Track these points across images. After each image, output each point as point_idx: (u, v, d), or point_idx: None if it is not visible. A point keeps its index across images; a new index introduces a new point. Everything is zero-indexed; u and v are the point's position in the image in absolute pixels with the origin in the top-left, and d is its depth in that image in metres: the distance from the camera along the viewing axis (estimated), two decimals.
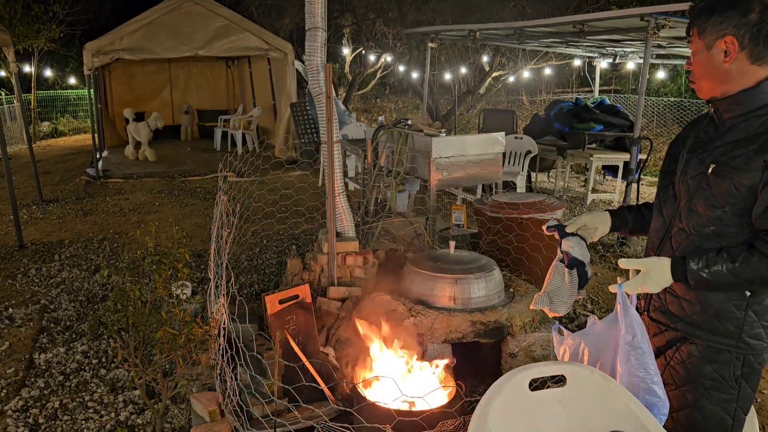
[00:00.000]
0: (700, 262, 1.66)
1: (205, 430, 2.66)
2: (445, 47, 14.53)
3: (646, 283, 1.74)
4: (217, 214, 3.21)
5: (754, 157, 1.63)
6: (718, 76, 1.71)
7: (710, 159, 1.73)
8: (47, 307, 4.48)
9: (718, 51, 1.68)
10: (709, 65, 1.71)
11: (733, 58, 1.67)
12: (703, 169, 1.74)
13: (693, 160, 1.79)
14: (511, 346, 3.25)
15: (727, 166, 1.67)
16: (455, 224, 4.89)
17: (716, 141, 1.75)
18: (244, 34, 10.36)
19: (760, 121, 1.67)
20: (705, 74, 1.74)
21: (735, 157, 1.67)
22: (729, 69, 1.69)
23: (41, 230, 6.56)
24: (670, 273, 1.72)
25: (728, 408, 1.78)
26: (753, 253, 1.61)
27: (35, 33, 12.83)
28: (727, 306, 1.73)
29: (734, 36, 1.65)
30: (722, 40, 1.67)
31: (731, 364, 1.76)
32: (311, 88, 3.67)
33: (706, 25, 1.69)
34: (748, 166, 1.63)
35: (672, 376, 1.86)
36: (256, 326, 3.50)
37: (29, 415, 3.11)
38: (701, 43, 1.71)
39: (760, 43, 1.64)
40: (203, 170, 9.76)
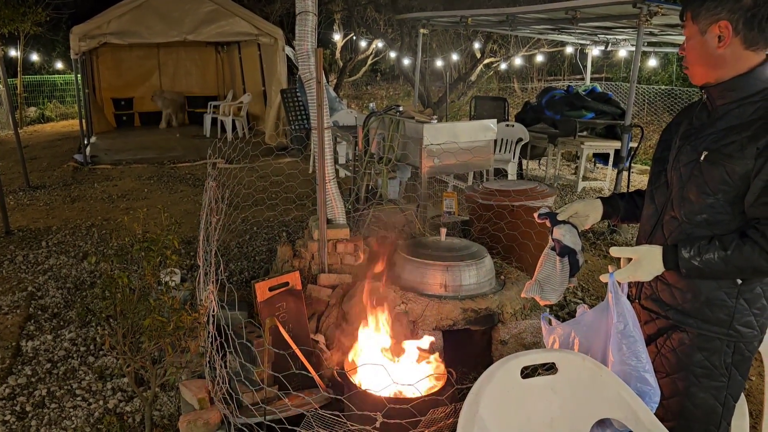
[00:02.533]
0: (691, 251, 1.66)
1: (195, 417, 2.65)
2: (437, 33, 14.46)
3: (637, 271, 1.74)
4: (207, 201, 3.18)
5: (747, 144, 1.62)
6: (711, 62, 1.70)
7: (703, 146, 1.72)
8: (34, 294, 4.44)
9: (712, 36, 1.66)
10: (703, 50, 1.70)
11: (727, 43, 1.65)
12: (695, 156, 1.73)
13: (685, 148, 1.78)
14: (502, 334, 3.25)
15: (720, 154, 1.66)
16: (446, 211, 4.88)
17: (709, 128, 1.73)
18: (234, 18, 10.25)
19: (754, 107, 1.65)
20: (699, 60, 1.73)
21: (728, 145, 1.65)
22: (723, 54, 1.67)
23: (28, 217, 6.49)
24: (661, 261, 1.72)
25: (718, 395, 1.78)
26: (745, 241, 1.60)
27: (21, 16, 12.59)
28: (719, 294, 1.72)
29: (728, 20, 1.63)
30: (716, 24, 1.65)
31: (722, 352, 1.76)
32: (301, 74, 3.63)
33: (700, 10, 1.67)
34: (741, 153, 1.62)
35: (663, 363, 1.85)
36: (246, 313, 3.48)
37: (16, 403, 3.08)
38: (695, 27, 1.70)
39: (754, 28, 1.63)
40: (193, 156, 9.68)
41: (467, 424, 1.55)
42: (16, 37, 14.49)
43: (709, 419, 1.80)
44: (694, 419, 1.81)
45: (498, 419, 1.59)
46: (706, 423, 1.81)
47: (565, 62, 18.00)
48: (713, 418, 1.80)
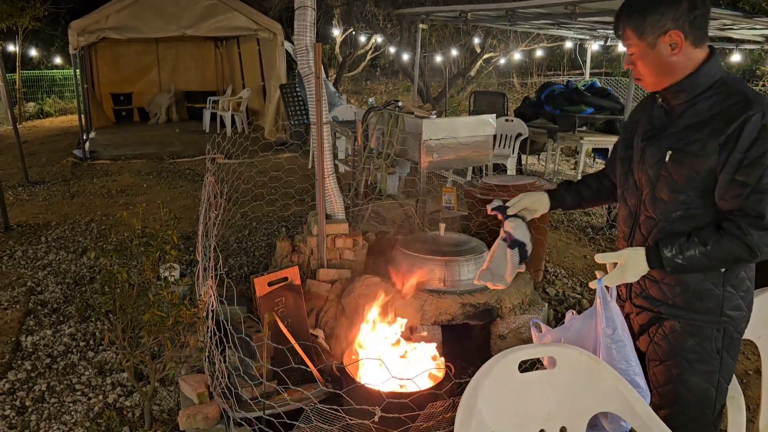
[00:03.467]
0: (673, 249, 1.70)
1: (194, 412, 2.66)
2: (436, 29, 14.43)
3: (624, 274, 1.79)
4: (206, 196, 3.18)
5: (708, 141, 1.66)
6: (666, 69, 1.74)
7: (666, 146, 1.76)
8: (34, 289, 4.44)
9: (664, 47, 1.70)
10: (657, 61, 1.73)
11: (681, 49, 1.69)
12: (660, 156, 1.77)
13: (649, 149, 1.82)
14: (501, 328, 3.26)
15: (684, 152, 1.71)
16: (445, 206, 4.88)
17: (670, 128, 1.78)
18: (233, 13, 10.22)
19: (708, 103, 1.70)
20: (653, 71, 1.77)
21: (690, 143, 1.70)
22: (677, 60, 1.71)
23: (27, 212, 6.49)
24: (645, 262, 1.77)
25: (711, 379, 1.82)
26: (722, 234, 1.65)
27: (19, 11, 12.58)
28: (705, 285, 1.77)
29: (677, 28, 1.67)
30: (665, 35, 1.69)
31: (713, 337, 1.80)
32: (300, 69, 3.63)
33: (644, 26, 1.70)
34: (704, 150, 1.67)
35: (656, 351, 1.89)
36: (245, 308, 3.48)
37: (16, 398, 3.09)
38: (643, 43, 1.73)
39: (699, 27, 1.68)
40: (192, 152, 9.67)
41: (465, 417, 1.56)
42: (15, 32, 14.46)
43: (703, 403, 1.84)
44: (689, 404, 1.84)
45: (496, 413, 1.60)
46: (701, 407, 1.84)
47: (565, 57, 17.97)
48: (708, 401, 1.84)
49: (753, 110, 1.61)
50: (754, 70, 13.32)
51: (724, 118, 1.65)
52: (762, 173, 1.61)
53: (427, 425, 2.31)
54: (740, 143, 1.61)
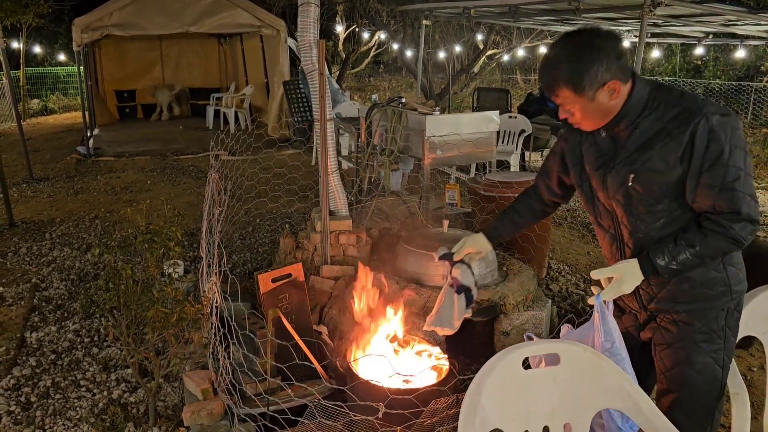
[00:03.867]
0: (665, 257, 1.77)
1: (198, 408, 2.67)
2: (440, 25, 14.40)
3: (621, 287, 1.84)
4: (209, 193, 3.18)
5: (666, 156, 1.73)
6: (606, 113, 1.80)
7: (625, 171, 1.82)
8: (38, 285, 4.46)
9: (603, 96, 1.76)
10: (598, 109, 1.79)
11: (619, 92, 1.76)
12: (622, 181, 1.83)
13: (609, 176, 1.87)
14: (504, 325, 3.26)
15: (647, 170, 1.77)
16: (449, 203, 4.89)
17: (621, 152, 1.83)
18: (236, 10, 10.21)
19: (649, 121, 1.76)
20: (594, 118, 1.82)
21: (648, 161, 1.76)
22: (616, 102, 1.77)
23: (32, 209, 6.51)
24: (639, 273, 1.82)
25: (717, 358, 1.87)
26: (706, 233, 1.73)
27: (23, 8, 12.56)
28: (710, 273, 1.83)
29: (612, 78, 1.72)
30: (604, 87, 1.74)
31: (718, 317, 1.86)
32: (304, 65, 3.62)
33: (582, 85, 1.74)
34: (666, 165, 1.73)
35: (663, 336, 1.93)
36: (249, 305, 3.49)
37: (21, 394, 3.10)
38: (582, 98, 1.76)
39: (625, 67, 1.74)
40: (195, 149, 9.68)
41: (469, 414, 1.56)
42: (19, 29, 14.47)
43: (710, 384, 1.88)
44: (697, 386, 1.88)
45: (500, 409, 1.60)
46: (708, 388, 1.88)
47: None
48: (714, 382, 1.88)
49: (696, 118, 1.68)
50: (759, 65, 13.26)
51: (671, 133, 1.72)
52: (724, 172, 1.67)
53: (431, 421, 2.31)
54: (696, 151, 1.69)
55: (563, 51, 1.74)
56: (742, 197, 1.68)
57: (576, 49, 1.72)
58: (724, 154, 1.67)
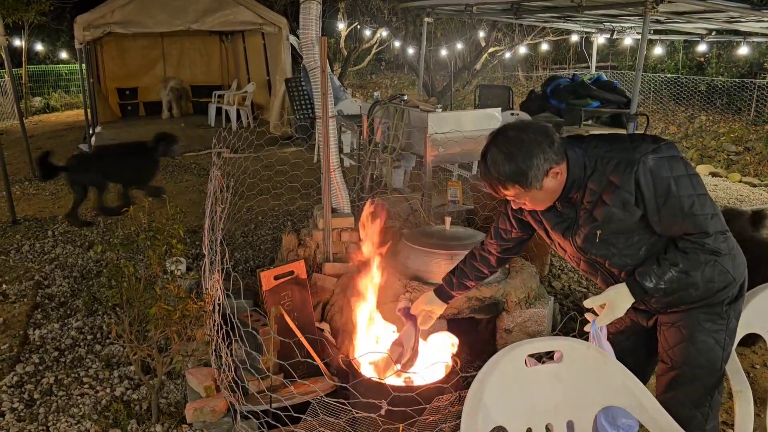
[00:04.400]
0: (652, 278, 1.84)
1: (201, 405, 2.67)
2: (442, 22, 14.36)
3: (614, 312, 1.90)
4: (212, 190, 3.19)
5: (625, 205, 1.80)
6: (555, 193, 1.89)
7: (589, 229, 1.89)
8: (41, 283, 4.46)
9: (549, 181, 1.84)
10: (548, 193, 1.88)
11: (563, 173, 1.84)
12: (591, 238, 1.91)
13: (576, 239, 1.95)
14: (507, 322, 3.26)
15: (609, 222, 1.85)
16: (451, 200, 4.88)
17: (581, 213, 1.92)
18: (238, 8, 10.20)
19: (595, 179, 1.84)
20: (546, 200, 1.92)
21: (607, 215, 1.84)
22: (561, 180, 1.86)
23: (34, 206, 6.51)
24: (629, 297, 1.88)
25: (718, 338, 1.93)
26: (686, 250, 1.80)
27: (24, 6, 12.57)
28: (709, 270, 1.86)
29: (553, 164, 1.81)
30: (548, 174, 1.81)
31: (723, 300, 1.92)
32: (306, 62, 3.62)
33: (528, 181, 1.81)
34: (626, 213, 1.81)
35: (669, 317, 1.99)
36: (251, 302, 3.49)
37: (24, 391, 3.11)
38: (531, 191, 1.84)
39: (559, 148, 1.83)
40: (197, 146, 9.67)
41: (472, 411, 1.56)
42: (21, 26, 14.47)
43: (711, 363, 1.93)
44: (698, 364, 1.93)
45: (502, 406, 1.60)
46: (709, 367, 1.93)
47: (570, 51, 17.89)
48: (714, 362, 1.93)
49: (633, 166, 1.78)
50: (762, 62, 13.23)
51: (618, 184, 1.80)
52: (680, 203, 1.77)
53: (434, 419, 2.31)
54: (646, 194, 1.78)
55: (500, 154, 1.81)
56: (704, 219, 1.78)
57: (512, 150, 1.80)
58: (672, 189, 1.76)
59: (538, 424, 1.66)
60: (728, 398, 3.04)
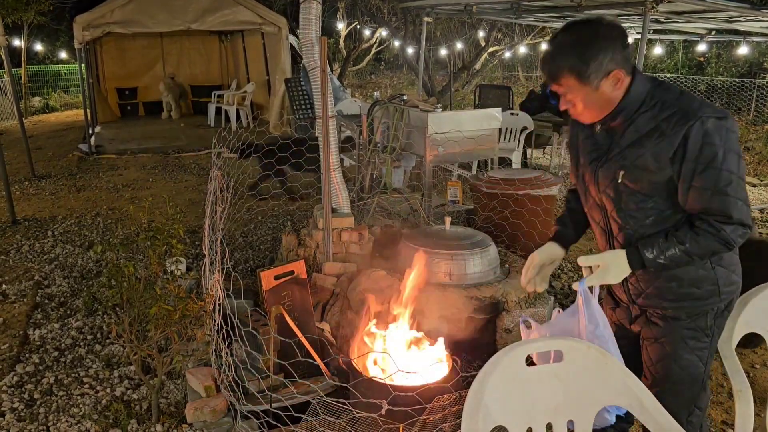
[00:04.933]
0: (654, 250, 1.77)
1: (201, 405, 2.67)
2: (441, 22, 14.36)
3: (606, 276, 1.84)
4: (212, 190, 3.19)
5: (659, 154, 1.72)
6: (607, 104, 1.79)
7: (616, 166, 1.82)
8: (41, 283, 4.46)
9: (607, 86, 1.75)
10: (601, 99, 1.78)
11: (623, 83, 1.76)
12: (613, 176, 1.83)
13: (600, 171, 1.87)
14: (507, 322, 3.26)
15: (636, 168, 1.77)
16: (451, 200, 4.88)
17: (614, 148, 1.84)
18: (238, 7, 10.21)
19: (645, 118, 1.76)
20: (595, 108, 1.81)
21: (639, 158, 1.76)
22: (618, 93, 1.77)
23: (34, 206, 6.51)
24: (626, 264, 1.81)
25: (701, 356, 1.90)
26: (697, 232, 1.72)
27: (24, 5, 12.57)
28: (699, 273, 1.83)
29: (617, 67, 1.72)
30: (608, 76, 1.73)
31: (707, 315, 1.87)
32: (306, 62, 3.62)
33: (587, 73, 1.72)
34: (657, 164, 1.73)
35: (651, 330, 1.95)
36: (252, 302, 3.49)
37: (24, 391, 3.11)
38: (586, 87, 1.75)
39: (629, 58, 1.75)
40: (197, 146, 9.68)
41: (472, 411, 1.56)
42: (20, 26, 14.47)
43: (693, 379, 1.90)
44: (680, 381, 1.90)
45: (503, 407, 1.60)
46: (691, 384, 1.91)
47: None
48: (697, 377, 1.91)
49: (691, 120, 1.68)
50: (761, 62, 13.23)
51: (665, 133, 1.71)
52: (717, 176, 1.67)
53: (434, 418, 2.31)
54: (688, 153, 1.68)
55: (568, 39, 1.73)
56: (734, 202, 1.68)
57: (581, 38, 1.71)
58: (718, 158, 1.66)
59: (539, 423, 1.66)
60: (728, 398, 3.05)
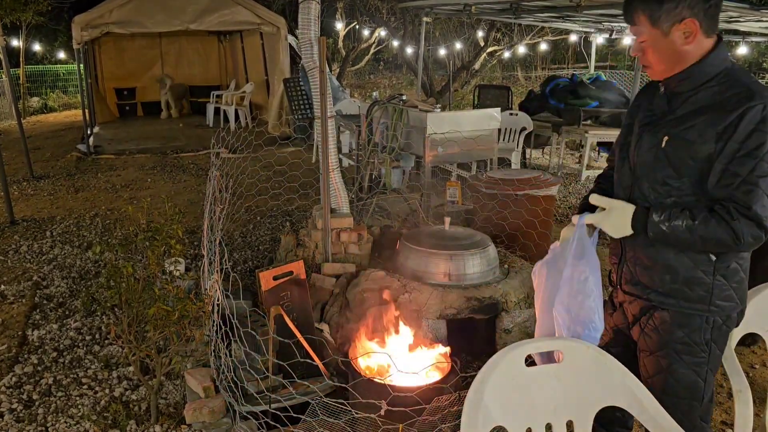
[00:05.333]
0: (662, 215, 1.71)
1: (200, 405, 2.67)
2: (440, 22, 14.37)
3: (605, 220, 1.82)
4: (210, 190, 3.18)
5: (706, 129, 1.67)
6: (676, 58, 1.74)
7: (663, 132, 1.77)
8: (39, 283, 4.46)
9: (678, 35, 1.70)
10: (669, 49, 1.73)
11: (695, 37, 1.69)
12: (656, 141, 1.78)
13: (646, 134, 1.83)
14: (506, 322, 3.26)
15: (681, 139, 1.72)
16: (450, 200, 4.88)
17: (668, 115, 1.79)
18: (236, 7, 10.19)
19: (710, 92, 1.70)
20: (663, 59, 1.76)
21: (687, 129, 1.71)
22: (688, 49, 1.71)
23: (32, 207, 6.50)
24: (630, 220, 1.78)
25: (699, 371, 1.85)
26: (713, 215, 1.66)
27: (22, 6, 12.57)
28: (696, 273, 1.78)
29: (693, 17, 1.66)
30: (681, 23, 1.68)
31: (701, 328, 1.81)
32: (305, 62, 3.62)
33: (659, 14, 1.68)
34: (701, 138, 1.68)
35: (646, 342, 1.92)
36: (250, 303, 3.49)
37: (23, 392, 3.10)
38: (656, 31, 1.71)
39: (712, 16, 1.69)
40: (196, 146, 9.67)
41: (472, 411, 1.55)
42: (18, 26, 14.45)
43: (692, 395, 1.86)
44: (677, 396, 1.86)
45: (502, 407, 1.60)
46: (689, 399, 1.86)
47: (569, 50, 17.92)
48: (696, 393, 1.86)
49: (754, 101, 1.62)
50: (761, 62, 13.24)
51: (724, 107, 1.65)
52: (754, 165, 1.62)
53: (433, 419, 2.31)
54: (737, 133, 1.63)
55: None
56: (760, 196, 1.62)
57: None
58: (764, 148, 1.61)
59: (539, 424, 1.66)
60: (728, 398, 3.05)
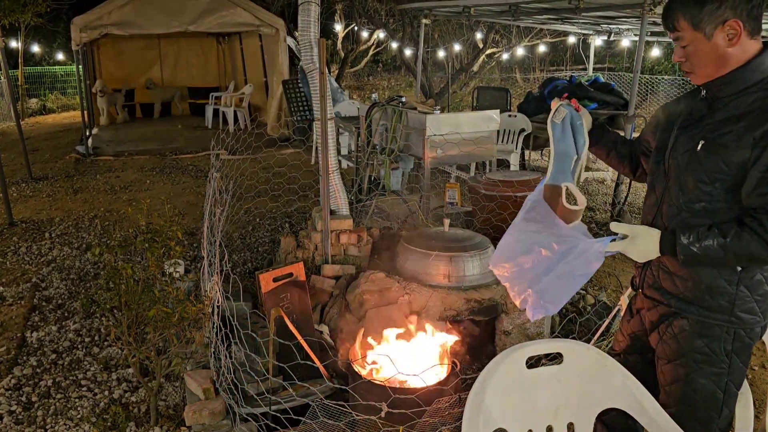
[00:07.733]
0: (690, 236, 1.67)
1: (200, 407, 2.66)
2: (439, 24, 14.39)
3: (629, 248, 1.77)
4: (210, 192, 3.18)
5: (743, 134, 1.63)
6: (719, 61, 1.70)
7: (700, 136, 1.73)
8: (38, 285, 4.45)
9: (721, 37, 1.66)
10: (713, 53, 1.69)
11: (739, 39, 1.65)
12: (692, 145, 1.74)
13: (682, 137, 1.80)
14: (506, 324, 3.26)
15: (717, 144, 1.68)
16: (449, 202, 4.88)
17: (707, 119, 1.75)
18: (235, 9, 10.19)
19: (751, 98, 1.67)
20: (707, 63, 1.72)
21: (724, 134, 1.67)
22: (732, 51, 1.67)
23: (31, 208, 6.49)
24: (657, 245, 1.74)
25: (719, 382, 1.80)
26: (744, 229, 1.61)
27: (21, 7, 12.53)
28: (719, 282, 1.74)
29: (736, 17, 1.63)
30: (724, 25, 1.65)
31: (722, 338, 1.77)
32: (304, 64, 3.62)
33: (700, 16, 1.66)
34: (737, 143, 1.64)
35: (664, 350, 1.88)
36: (250, 304, 3.49)
37: (22, 393, 3.10)
38: (699, 34, 1.68)
39: (755, 17, 1.66)
40: (195, 148, 9.66)
41: (473, 413, 1.56)
42: (17, 28, 14.43)
43: (710, 405, 1.82)
44: (695, 405, 1.83)
45: (503, 409, 1.60)
46: (707, 409, 1.82)
47: (568, 52, 17.93)
48: (714, 404, 1.82)
49: None
50: None
51: (764, 113, 1.62)
52: None
53: (434, 421, 2.31)
54: None
55: None
56: None
57: None
58: None
59: (539, 426, 1.66)
60: None
